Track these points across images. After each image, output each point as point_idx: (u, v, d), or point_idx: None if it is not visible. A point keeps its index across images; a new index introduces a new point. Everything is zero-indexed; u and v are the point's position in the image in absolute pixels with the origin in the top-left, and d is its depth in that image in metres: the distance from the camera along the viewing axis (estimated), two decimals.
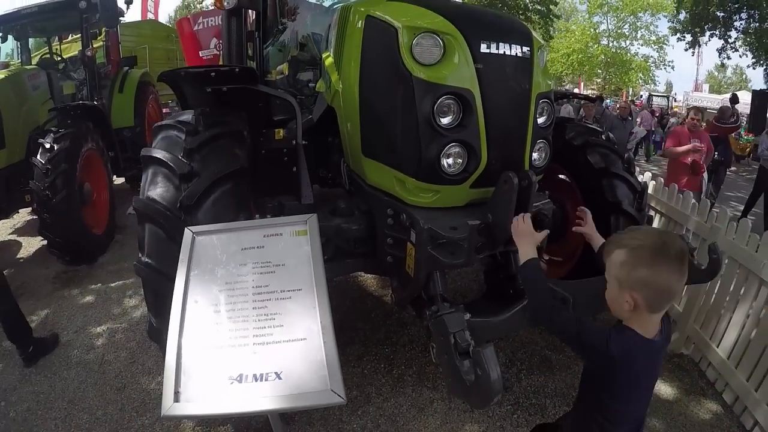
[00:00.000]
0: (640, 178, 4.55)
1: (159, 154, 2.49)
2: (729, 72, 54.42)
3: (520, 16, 18.40)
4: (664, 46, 37.34)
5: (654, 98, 29.62)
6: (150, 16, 18.49)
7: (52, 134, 5.15)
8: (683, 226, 4.15)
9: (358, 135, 2.67)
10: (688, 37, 16.60)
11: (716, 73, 55.62)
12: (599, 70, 40.61)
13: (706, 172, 6.75)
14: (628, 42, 40.52)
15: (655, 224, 4.65)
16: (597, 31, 40.11)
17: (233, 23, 3.67)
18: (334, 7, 4.44)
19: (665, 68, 40.13)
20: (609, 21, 40.11)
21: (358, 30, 2.54)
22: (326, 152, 3.31)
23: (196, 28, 9.38)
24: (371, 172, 2.69)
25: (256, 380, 1.53)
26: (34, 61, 7.75)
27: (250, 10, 4.04)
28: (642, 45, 40.00)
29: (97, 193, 5.88)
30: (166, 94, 9.61)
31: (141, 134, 7.70)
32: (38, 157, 5.01)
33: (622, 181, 3.37)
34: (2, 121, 5.58)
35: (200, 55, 9.28)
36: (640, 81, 40.31)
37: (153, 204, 2.38)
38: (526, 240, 1.96)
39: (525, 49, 2.38)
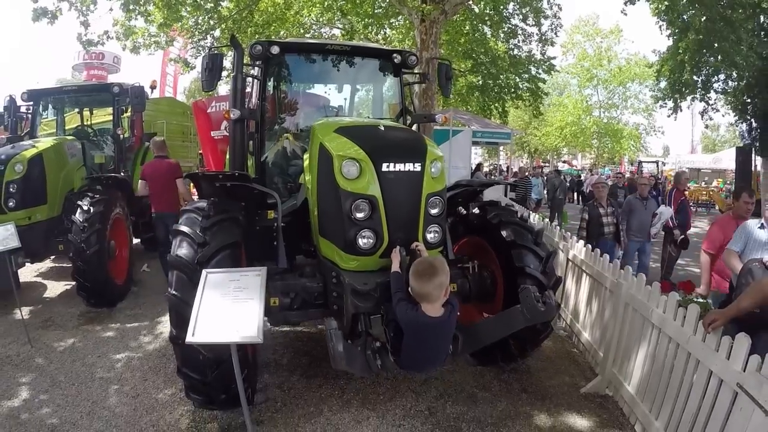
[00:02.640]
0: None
1: (184, 228, 3.72)
2: (722, 130, 54.64)
3: (511, 95, 19.45)
4: (653, 113, 38.36)
5: (644, 164, 30.49)
6: (168, 91, 19.95)
7: (88, 198, 6.40)
8: (602, 284, 4.97)
9: (316, 220, 3.88)
10: (670, 104, 16.37)
11: (710, 133, 55.97)
12: (593, 141, 41.71)
13: None
14: (618, 111, 41.81)
15: (583, 282, 5.62)
16: (588, 103, 41.32)
17: (237, 128, 4.87)
18: (329, 108, 5.85)
19: (655, 134, 41.51)
20: (600, 93, 41.51)
21: (315, 151, 3.81)
22: (308, 230, 4.38)
23: (209, 110, 10.51)
24: (323, 246, 3.87)
25: (229, 331, 2.88)
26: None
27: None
28: (632, 113, 41.29)
29: (119, 250, 7.14)
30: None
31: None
32: (77, 215, 6.25)
33: (528, 250, 4.17)
34: (46, 182, 6.90)
35: (212, 135, 10.41)
36: (632, 148, 41.12)
37: (180, 259, 3.54)
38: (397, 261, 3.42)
39: (417, 165, 3.56)
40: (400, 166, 3.51)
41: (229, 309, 2.94)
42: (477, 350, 4.66)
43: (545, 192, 19.01)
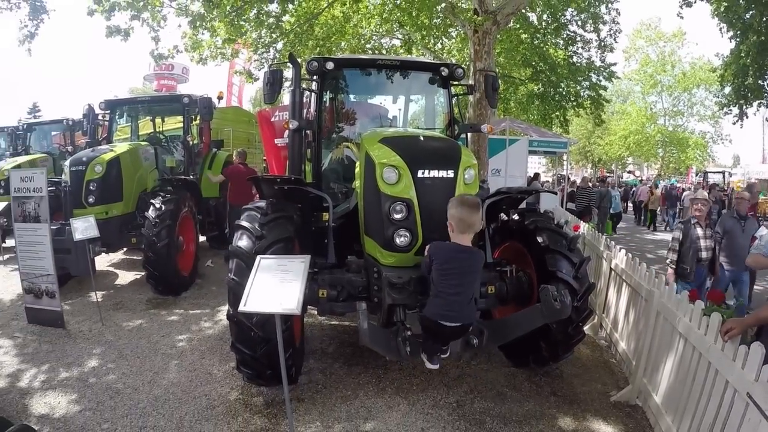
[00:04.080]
0: None
1: (245, 223, 4.24)
2: None
3: (572, 103, 19.19)
4: (719, 120, 36.04)
5: (709, 175, 28.85)
6: (234, 100, 20.81)
7: (160, 197, 7.13)
8: (639, 293, 4.96)
9: (363, 222, 4.32)
10: (735, 110, 15.47)
11: None
12: (658, 150, 40.28)
13: None
14: (684, 119, 39.86)
15: (623, 291, 5.63)
16: (653, 110, 39.71)
17: (296, 137, 5.36)
18: (387, 118, 6.30)
19: (722, 143, 38.99)
20: (664, 100, 39.79)
21: (363, 159, 4.27)
22: (358, 232, 4.75)
23: (273, 119, 10.93)
24: (367, 244, 4.29)
25: (273, 303, 3.28)
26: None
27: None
28: (698, 121, 39.26)
29: (187, 245, 7.92)
30: None
31: (224, 204, 9.76)
32: (150, 212, 6.99)
33: (561, 255, 4.34)
34: (122, 182, 7.71)
35: (276, 143, 10.82)
36: (698, 158, 38.92)
37: (240, 249, 4.06)
38: None
39: (450, 171, 3.94)
40: (434, 173, 3.91)
41: (276, 287, 3.37)
42: (512, 351, 4.99)
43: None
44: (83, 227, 6.43)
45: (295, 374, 4.38)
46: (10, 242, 9.50)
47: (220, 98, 10.54)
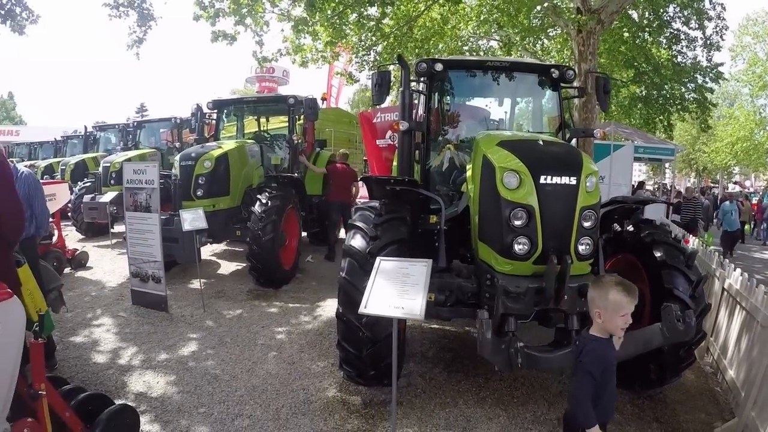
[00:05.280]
0: None
1: (359, 223, 4.29)
2: None
3: (676, 107, 18.17)
4: None
5: None
6: (332, 101, 21.48)
7: (267, 193, 7.37)
8: (755, 317, 4.61)
9: (477, 227, 4.20)
10: None
11: None
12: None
13: None
14: None
15: (736, 315, 5.20)
16: (762, 115, 35.24)
17: (405, 138, 5.32)
18: (490, 121, 6.22)
19: None
20: None
21: (479, 162, 4.15)
22: (466, 236, 4.71)
23: (375, 120, 11.15)
24: (481, 250, 4.16)
25: (395, 308, 3.24)
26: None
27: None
28: None
29: (289, 240, 8.13)
30: None
31: (326, 202, 9.95)
32: (256, 207, 7.25)
33: (678, 272, 4.13)
34: (229, 177, 8.04)
35: (377, 144, 11.04)
36: None
37: (353, 249, 4.10)
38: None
39: (572, 178, 3.73)
40: (556, 179, 3.72)
41: (398, 290, 3.34)
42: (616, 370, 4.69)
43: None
44: (191, 218, 6.77)
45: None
46: (118, 228, 10.24)
47: (323, 100, 10.84)
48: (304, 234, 9.83)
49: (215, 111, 9.97)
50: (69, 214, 12.12)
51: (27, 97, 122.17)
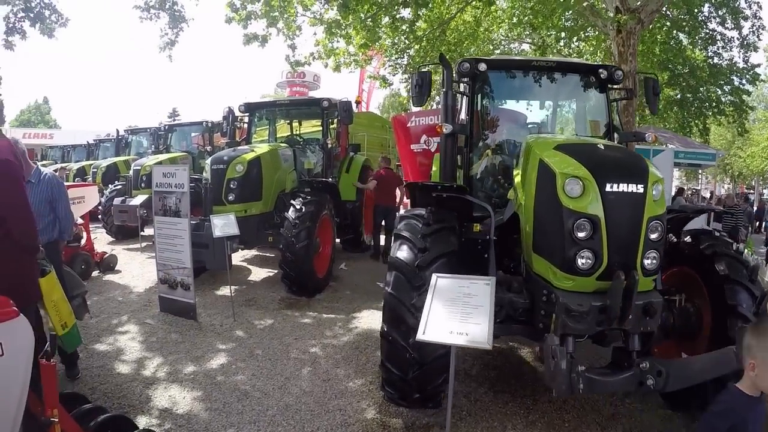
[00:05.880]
0: None
1: (406, 233, 3.98)
2: None
3: (713, 110, 17.73)
4: None
5: None
6: (363, 106, 21.58)
7: (301, 199, 7.11)
8: None
9: (531, 238, 3.86)
10: None
11: None
12: None
13: None
14: None
15: None
16: None
17: (448, 142, 5.00)
18: (529, 125, 5.80)
19: None
20: None
21: (534, 168, 3.81)
22: (511, 246, 4.44)
23: (409, 124, 10.91)
24: (536, 263, 3.83)
25: (458, 334, 2.96)
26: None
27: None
28: None
29: (323, 247, 7.84)
30: None
31: (359, 208, 9.79)
32: (290, 213, 7.02)
33: (742, 287, 3.81)
34: (262, 181, 7.80)
35: (411, 148, 10.80)
36: None
37: (400, 261, 3.79)
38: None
39: (639, 186, 3.39)
40: (623, 187, 3.39)
41: (459, 313, 3.05)
42: (670, 392, 4.28)
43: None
44: (222, 224, 6.55)
45: (440, 397, 4.03)
46: (148, 231, 10.16)
47: (358, 103, 10.62)
48: (337, 240, 9.59)
49: (247, 114, 9.81)
50: (99, 216, 12.25)
51: (61, 101, 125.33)
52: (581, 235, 3.38)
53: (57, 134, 40.80)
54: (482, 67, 5.09)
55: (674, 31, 16.33)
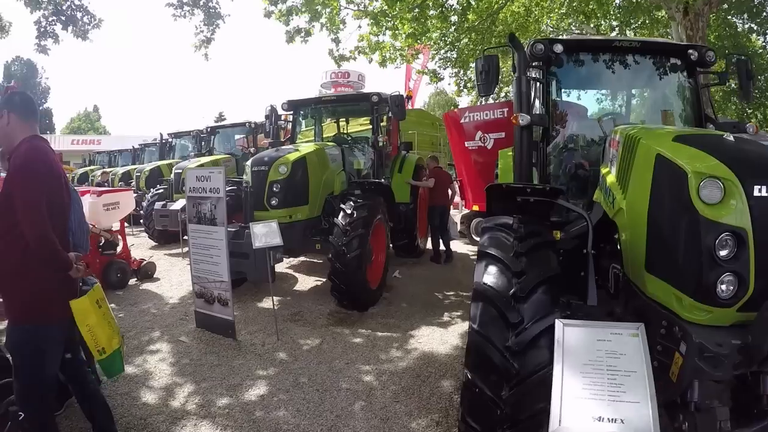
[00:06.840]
0: None
1: (492, 251, 3.18)
2: None
3: None
4: None
5: None
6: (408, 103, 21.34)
7: (352, 202, 6.42)
8: None
9: (641, 252, 3.04)
10: None
11: None
12: None
13: None
14: None
15: None
16: None
17: (524, 135, 4.31)
18: (605, 119, 5.03)
19: None
20: None
21: (648, 164, 2.99)
22: (597, 257, 3.61)
23: (463, 121, 10.31)
24: (651, 285, 3.01)
25: (609, 421, 2.23)
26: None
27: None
28: None
29: (376, 255, 7.10)
30: None
31: (414, 210, 9.09)
32: (340, 218, 6.35)
33: None
34: (308, 184, 7.14)
35: (466, 146, 10.26)
36: None
37: (489, 288, 3.00)
38: None
39: None
40: None
41: (607, 385, 2.31)
42: None
43: None
44: (264, 233, 5.89)
45: None
46: None
47: (408, 98, 9.94)
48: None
49: (291, 113, 9.16)
50: (141, 221, 12.21)
51: (112, 109, 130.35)
52: (723, 253, 2.59)
53: (105, 140, 41.89)
54: (558, 48, 4.42)
55: (731, 16, 15.35)
